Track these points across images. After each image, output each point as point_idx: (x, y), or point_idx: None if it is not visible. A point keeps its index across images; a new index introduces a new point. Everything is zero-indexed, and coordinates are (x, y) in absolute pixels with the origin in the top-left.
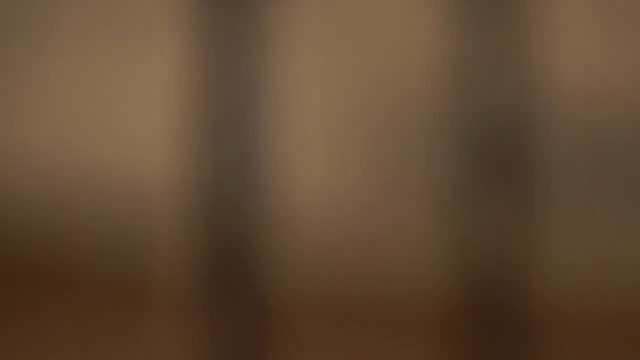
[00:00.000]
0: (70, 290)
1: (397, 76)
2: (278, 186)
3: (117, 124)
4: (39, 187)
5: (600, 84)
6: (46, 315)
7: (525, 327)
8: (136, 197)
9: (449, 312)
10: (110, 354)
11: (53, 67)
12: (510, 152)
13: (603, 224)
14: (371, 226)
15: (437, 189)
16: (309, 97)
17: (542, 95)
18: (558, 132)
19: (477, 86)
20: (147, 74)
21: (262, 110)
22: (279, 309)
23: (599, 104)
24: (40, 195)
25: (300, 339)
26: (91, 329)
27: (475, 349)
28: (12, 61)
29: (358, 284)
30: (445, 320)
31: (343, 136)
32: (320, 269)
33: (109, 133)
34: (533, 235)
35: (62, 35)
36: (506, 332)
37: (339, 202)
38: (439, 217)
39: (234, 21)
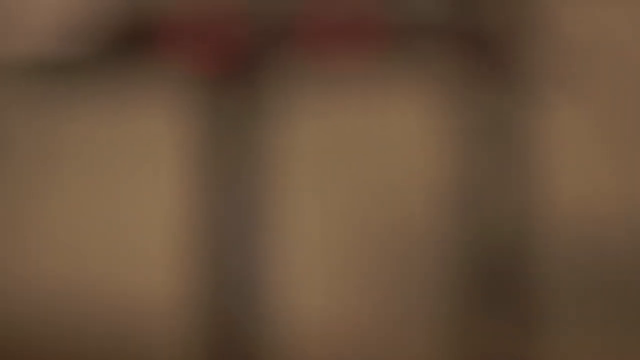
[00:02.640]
0: None
1: (397, 199)
2: (278, 306)
3: (121, 246)
4: (44, 305)
5: (600, 205)
6: None
7: None
8: (138, 319)
9: None
10: None
11: (57, 190)
12: (509, 272)
13: (602, 343)
14: (370, 346)
15: (436, 310)
16: (309, 220)
17: (542, 217)
18: (557, 253)
19: (476, 207)
20: (150, 199)
21: (262, 233)
22: None
23: (598, 225)
24: (44, 311)
25: None
26: None
27: None
28: (20, 182)
29: None
30: None
31: (343, 258)
32: None
33: (113, 254)
34: (531, 356)
35: (67, 162)
36: None
37: (339, 322)
38: (438, 337)
39: (233, 147)
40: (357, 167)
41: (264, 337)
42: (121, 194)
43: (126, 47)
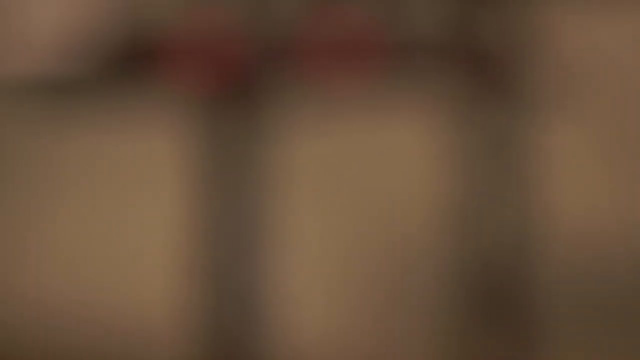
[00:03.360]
0: None
1: (397, 216)
2: (278, 321)
3: (122, 263)
4: (46, 320)
5: (599, 222)
6: None
7: None
8: (139, 334)
9: None
10: None
11: (58, 209)
12: (508, 288)
13: (601, 359)
14: None
15: (435, 325)
16: (309, 239)
17: (541, 233)
18: (556, 269)
19: (476, 224)
20: (151, 217)
21: (262, 249)
22: None
23: (597, 242)
24: (45, 326)
25: None
26: None
27: None
28: (21, 200)
29: None
30: None
31: (342, 273)
32: None
33: (114, 271)
34: None
35: (68, 181)
36: None
37: (339, 336)
38: (437, 353)
39: (233, 165)
40: (357, 185)
41: (264, 351)
42: (122, 212)
43: (126, 67)
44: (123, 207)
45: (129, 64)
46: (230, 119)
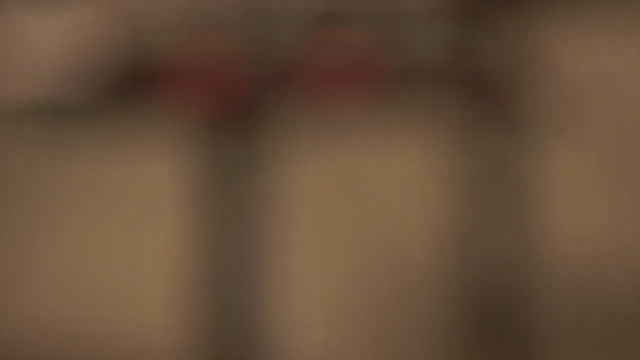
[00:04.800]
0: None
1: (397, 242)
2: (279, 347)
3: (122, 288)
4: (45, 345)
5: (599, 246)
6: None
7: None
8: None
9: None
10: None
11: (58, 233)
12: (508, 311)
13: None
14: None
15: (435, 346)
16: (309, 264)
17: (541, 258)
18: (557, 293)
19: (476, 246)
20: (151, 240)
21: (263, 273)
22: None
23: (598, 266)
24: (44, 351)
25: None
26: None
27: None
28: (21, 225)
29: None
30: None
31: (342, 297)
32: None
33: (114, 296)
34: None
35: (68, 205)
36: None
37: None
38: None
39: (233, 189)
40: (358, 208)
41: None
42: (122, 235)
43: (127, 91)
44: (123, 230)
45: (129, 87)
46: (230, 143)
